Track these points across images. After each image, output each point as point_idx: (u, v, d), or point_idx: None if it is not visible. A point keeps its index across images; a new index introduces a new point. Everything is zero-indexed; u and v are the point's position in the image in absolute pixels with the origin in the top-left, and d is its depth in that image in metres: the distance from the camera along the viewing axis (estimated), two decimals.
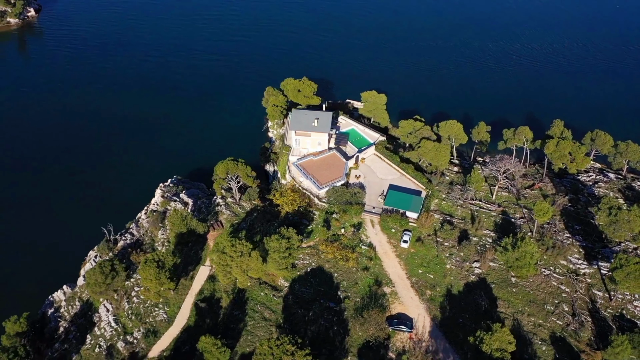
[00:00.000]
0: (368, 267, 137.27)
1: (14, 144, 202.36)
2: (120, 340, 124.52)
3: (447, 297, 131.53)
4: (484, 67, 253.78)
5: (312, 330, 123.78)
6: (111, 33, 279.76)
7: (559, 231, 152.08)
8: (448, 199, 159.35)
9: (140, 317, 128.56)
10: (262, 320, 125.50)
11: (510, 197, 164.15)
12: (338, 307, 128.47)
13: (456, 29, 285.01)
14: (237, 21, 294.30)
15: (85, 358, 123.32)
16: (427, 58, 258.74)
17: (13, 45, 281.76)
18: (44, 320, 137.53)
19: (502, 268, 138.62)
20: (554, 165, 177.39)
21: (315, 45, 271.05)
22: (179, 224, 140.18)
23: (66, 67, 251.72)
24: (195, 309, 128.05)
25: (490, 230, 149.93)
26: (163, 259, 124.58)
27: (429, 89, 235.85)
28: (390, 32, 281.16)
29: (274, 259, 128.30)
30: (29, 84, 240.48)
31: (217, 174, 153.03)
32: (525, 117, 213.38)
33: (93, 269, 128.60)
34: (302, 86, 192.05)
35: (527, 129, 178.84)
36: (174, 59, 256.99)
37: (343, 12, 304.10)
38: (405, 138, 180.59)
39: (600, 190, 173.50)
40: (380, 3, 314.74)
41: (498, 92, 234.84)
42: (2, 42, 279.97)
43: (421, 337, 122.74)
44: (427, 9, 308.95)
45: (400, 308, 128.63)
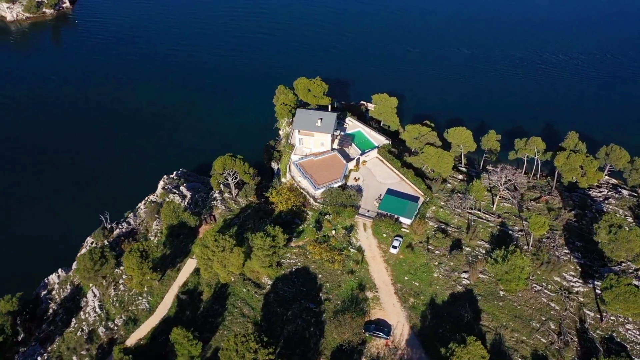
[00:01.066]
0: (354, 270, 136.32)
1: (33, 128, 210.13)
2: (101, 326, 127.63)
3: (430, 306, 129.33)
4: (504, 74, 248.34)
5: (288, 329, 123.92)
6: (140, 26, 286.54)
7: (557, 246, 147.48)
8: (446, 206, 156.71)
9: (124, 304, 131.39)
10: (240, 317, 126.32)
11: (513, 209, 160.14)
12: (318, 309, 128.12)
13: (480, 34, 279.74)
14: (263, 18, 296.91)
15: (67, 340, 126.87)
16: (447, 63, 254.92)
17: (47, 35, 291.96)
18: (37, 301, 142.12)
19: (491, 280, 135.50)
20: (564, 178, 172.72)
21: (337, 45, 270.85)
22: (171, 216, 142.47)
23: (93, 58, 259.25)
24: (177, 301, 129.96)
25: (485, 241, 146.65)
26: (148, 249, 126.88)
27: (445, 94, 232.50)
28: (414, 35, 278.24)
29: (258, 256, 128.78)
30: (57, 71, 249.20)
31: (215, 169, 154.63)
32: (541, 127, 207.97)
33: (83, 255, 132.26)
34: (313, 86, 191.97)
35: (539, 139, 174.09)
36: (197, 54, 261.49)
37: (370, 13, 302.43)
38: (410, 143, 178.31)
39: (609, 207, 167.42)
40: (409, 6, 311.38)
41: (516, 100, 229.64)
42: (38, 31, 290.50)
43: (397, 344, 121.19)
44: (453, 13, 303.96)
45: (380, 314, 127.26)
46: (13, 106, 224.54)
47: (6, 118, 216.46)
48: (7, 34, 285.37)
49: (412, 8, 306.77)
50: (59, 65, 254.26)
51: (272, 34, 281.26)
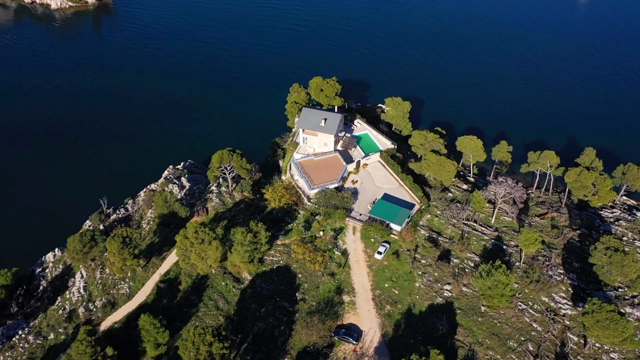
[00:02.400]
0: (334, 273, 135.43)
1: (59, 110, 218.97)
2: (82, 307, 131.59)
3: (406, 315, 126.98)
4: (527, 85, 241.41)
5: (259, 326, 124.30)
6: (175, 18, 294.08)
7: (553, 265, 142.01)
8: (441, 216, 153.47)
9: (106, 288, 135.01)
10: (214, 309, 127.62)
11: (513, 223, 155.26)
12: (292, 308, 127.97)
13: (506, 43, 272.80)
14: (296, 14, 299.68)
15: (49, 317, 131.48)
16: (469, 71, 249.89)
17: (88, 23, 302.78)
18: (31, 277, 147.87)
19: (474, 295, 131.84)
20: (574, 195, 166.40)
21: (363, 45, 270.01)
22: (162, 205, 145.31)
23: (126, 47, 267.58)
24: (156, 289, 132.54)
25: (475, 254, 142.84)
26: (131, 236, 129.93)
27: (464, 102, 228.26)
28: (441, 41, 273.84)
29: (238, 251, 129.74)
30: (91, 58, 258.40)
31: (213, 162, 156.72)
32: (559, 141, 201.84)
33: (73, 236, 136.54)
34: (325, 86, 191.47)
35: (552, 153, 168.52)
36: (225, 47, 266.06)
37: (402, 16, 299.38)
38: (416, 149, 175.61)
39: (618, 229, 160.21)
40: (442, 11, 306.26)
41: (537, 112, 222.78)
42: (79, 19, 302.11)
43: (365, 351, 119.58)
44: (483, 21, 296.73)
45: (353, 319, 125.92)
46: (48, 88, 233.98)
47: (37, 100, 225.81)
48: (51, 21, 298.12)
49: (444, 13, 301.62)
50: (93, 53, 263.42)
51: (302, 31, 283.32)
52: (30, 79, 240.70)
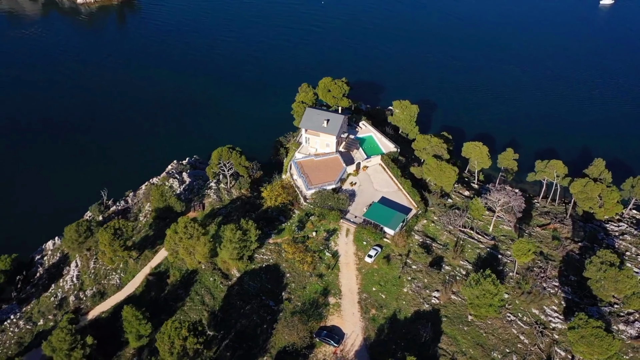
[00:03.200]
0: (323, 274, 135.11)
1: (75, 101, 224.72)
2: (72, 295, 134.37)
3: (391, 320, 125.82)
4: (543, 91, 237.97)
5: (242, 323, 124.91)
6: (197, 16, 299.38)
7: (548, 277, 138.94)
8: (438, 221, 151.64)
9: (98, 278, 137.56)
10: (200, 304, 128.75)
11: (511, 232, 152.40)
12: (276, 307, 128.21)
13: (527, 48, 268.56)
14: (316, 13, 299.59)
15: (41, 304, 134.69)
16: (487, 77, 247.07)
17: (112, 18, 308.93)
18: (30, 264, 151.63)
19: (462, 303, 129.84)
20: (579, 207, 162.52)
21: (380, 47, 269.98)
22: (158, 199, 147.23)
23: (146, 43, 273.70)
24: (146, 281, 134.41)
25: (469, 262, 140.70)
26: (123, 228, 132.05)
27: (477, 109, 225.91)
28: (459, 44, 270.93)
29: (227, 248, 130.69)
30: (113, 52, 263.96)
31: (212, 159, 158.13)
32: (570, 151, 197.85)
33: (70, 226, 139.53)
34: (333, 86, 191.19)
35: (559, 163, 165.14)
36: (243, 45, 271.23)
37: (423, 19, 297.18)
38: (419, 153, 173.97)
39: (622, 244, 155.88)
40: (462, 14, 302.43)
41: (550, 121, 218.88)
42: (104, 14, 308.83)
43: (346, 354, 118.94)
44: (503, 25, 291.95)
45: (337, 321, 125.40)
46: (65, 80, 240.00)
47: (53, 91, 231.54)
48: (77, 14, 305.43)
49: (463, 18, 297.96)
50: (114, 47, 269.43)
51: (321, 31, 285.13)
52: (50, 70, 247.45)
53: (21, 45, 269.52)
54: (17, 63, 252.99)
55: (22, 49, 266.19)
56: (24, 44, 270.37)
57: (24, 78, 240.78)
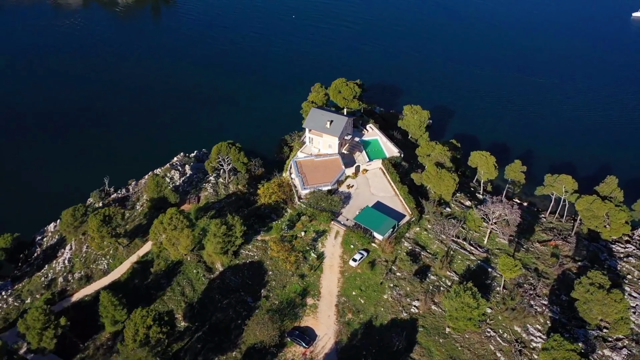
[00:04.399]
0: (305, 274, 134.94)
1: (99, 90, 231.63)
2: (61, 277, 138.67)
3: (365, 326, 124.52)
4: (563, 104, 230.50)
5: (217, 317, 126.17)
6: (230, 11, 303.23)
7: (537, 295, 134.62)
8: (431, 230, 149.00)
9: (87, 262, 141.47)
10: (179, 295, 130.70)
11: (507, 247, 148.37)
12: (254, 304, 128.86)
13: (554, 59, 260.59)
14: (348, 14, 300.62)
15: (32, 283, 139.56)
16: (506, 85, 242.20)
17: (148, 10, 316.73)
18: (32, 244, 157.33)
19: (442, 315, 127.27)
20: (584, 225, 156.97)
21: (402, 49, 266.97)
22: (153, 189, 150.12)
23: (179, 36, 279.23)
24: (132, 268, 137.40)
25: (456, 274, 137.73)
26: (112, 216, 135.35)
27: (492, 117, 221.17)
28: (484, 53, 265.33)
29: (211, 241, 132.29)
30: (143, 44, 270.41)
31: (212, 153, 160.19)
32: (584, 166, 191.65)
33: (67, 210, 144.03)
34: (344, 87, 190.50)
35: (569, 178, 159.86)
36: (267, 41, 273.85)
37: (448, 25, 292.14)
38: (422, 159, 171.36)
39: (625, 266, 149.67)
40: (490, 23, 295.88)
41: (569, 134, 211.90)
42: (141, 6, 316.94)
43: (315, 356, 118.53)
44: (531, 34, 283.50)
45: (312, 322, 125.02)
46: (92, 69, 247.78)
47: (82, 80, 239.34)
48: (114, 6, 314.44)
49: (492, 28, 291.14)
50: (144, 39, 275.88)
51: (348, 30, 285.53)
52: (81, 60, 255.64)
53: (60, 34, 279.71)
54: (52, 51, 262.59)
55: (60, 38, 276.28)
56: (63, 34, 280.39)
57: (55, 66, 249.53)
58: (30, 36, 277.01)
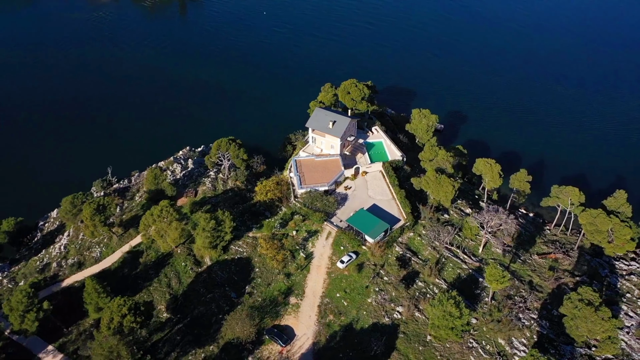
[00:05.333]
0: (291, 274, 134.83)
1: (117, 82, 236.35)
2: (55, 262, 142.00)
3: (345, 328, 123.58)
4: (583, 114, 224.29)
5: (199, 310, 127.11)
6: (256, 7, 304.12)
7: (527, 308, 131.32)
8: (424, 236, 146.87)
9: (81, 249, 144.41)
10: (165, 286, 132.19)
11: (501, 257, 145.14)
12: (237, 300, 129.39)
13: (582, 69, 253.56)
14: (374, 13, 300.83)
15: (28, 266, 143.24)
16: (524, 93, 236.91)
17: (175, 7, 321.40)
18: (33, 229, 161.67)
19: (425, 322, 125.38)
20: (586, 239, 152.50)
21: (423, 52, 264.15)
22: (151, 181, 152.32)
23: (203, 31, 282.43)
24: (123, 257, 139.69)
25: (445, 281, 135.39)
26: (107, 205, 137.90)
27: (506, 125, 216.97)
28: (505, 60, 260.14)
29: (200, 235, 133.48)
30: (166, 38, 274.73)
31: (212, 149, 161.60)
32: (595, 179, 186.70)
33: (67, 198, 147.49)
34: (352, 89, 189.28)
35: (576, 190, 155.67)
36: (291, 39, 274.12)
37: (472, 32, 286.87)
38: (424, 164, 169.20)
39: (625, 284, 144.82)
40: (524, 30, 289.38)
41: (585, 146, 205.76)
42: (168, 4, 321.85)
43: (291, 356, 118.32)
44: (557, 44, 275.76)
45: (292, 321, 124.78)
46: (111, 62, 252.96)
47: (100, 71, 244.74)
48: (142, 1, 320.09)
49: (523, 35, 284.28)
50: (167, 34, 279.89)
51: (371, 29, 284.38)
52: (102, 52, 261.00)
53: (88, 26, 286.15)
54: (77, 42, 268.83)
55: (87, 30, 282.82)
56: (90, 26, 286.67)
57: (76, 57, 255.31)
58: (60, 27, 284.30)
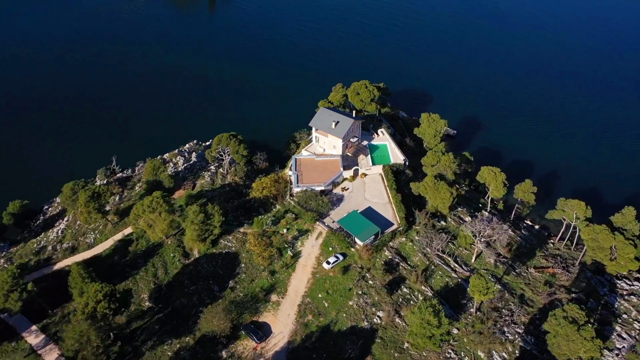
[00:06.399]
0: (276, 271, 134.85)
1: (130, 73, 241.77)
2: (51, 245, 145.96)
3: (323, 330, 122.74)
4: (604, 127, 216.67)
5: (181, 301, 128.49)
6: (285, 6, 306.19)
7: (513, 322, 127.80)
8: (416, 242, 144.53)
9: (77, 234, 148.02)
10: (152, 276, 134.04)
11: (493, 267, 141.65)
12: (219, 293, 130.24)
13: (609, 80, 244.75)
14: (404, 13, 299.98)
15: (26, 248, 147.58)
16: (545, 102, 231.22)
17: (204, 4, 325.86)
18: (38, 212, 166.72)
19: (405, 329, 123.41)
20: (588, 255, 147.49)
21: (444, 56, 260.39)
22: (149, 172, 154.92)
23: (229, 27, 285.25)
24: (114, 245, 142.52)
25: (431, 289, 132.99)
26: (102, 193, 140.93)
27: (523, 133, 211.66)
28: (529, 67, 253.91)
29: (189, 227, 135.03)
30: (193, 34, 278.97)
31: (213, 143, 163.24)
32: (608, 193, 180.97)
33: (68, 184, 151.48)
34: (362, 89, 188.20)
35: (582, 204, 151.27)
36: (315, 36, 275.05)
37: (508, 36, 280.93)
38: (426, 169, 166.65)
39: (623, 305, 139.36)
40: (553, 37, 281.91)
41: (604, 160, 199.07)
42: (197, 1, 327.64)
43: (265, 353, 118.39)
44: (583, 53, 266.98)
45: (270, 319, 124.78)
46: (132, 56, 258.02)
47: (119, 65, 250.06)
48: None
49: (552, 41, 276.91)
50: (193, 29, 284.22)
51: (399, 29, 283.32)
52: (126, 45, 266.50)
53: (116, 19, 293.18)
54: (101, 35, 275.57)
55: (114, 22, 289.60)
56: (118, 19, 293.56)
57: (96, 49, 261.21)
58: (91, 19, 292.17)
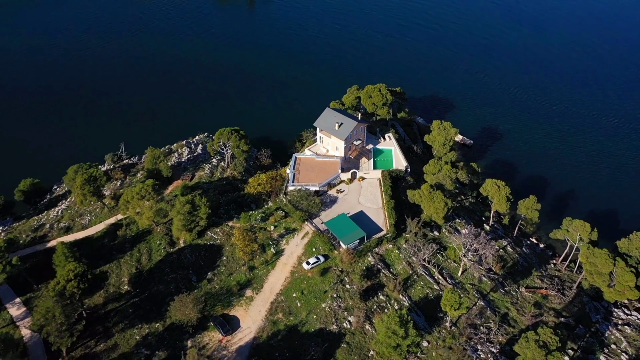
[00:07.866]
0: (255, 267, 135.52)
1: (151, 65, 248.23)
2: (48, 224, 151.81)
3: (291, 329, 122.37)
4: (623, 146, 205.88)
5: (158, 288, 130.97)
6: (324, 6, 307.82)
7: (489, 340, 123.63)
8: (403, 250, 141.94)
9: (74, 215, 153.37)
10: (135, 262, 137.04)
11: (483, 283, 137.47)
12: (196, 284, 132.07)
13: None
14: (440, 14, 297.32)
15: (26, 223, 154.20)
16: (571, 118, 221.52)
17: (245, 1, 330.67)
18: (47, 191, 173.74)
19: (374, 336, 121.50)
20: (586, 280, 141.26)
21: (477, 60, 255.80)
22: (150, 161, 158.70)
23: (260, 23, 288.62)
24: (106, 228, 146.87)
25: (409, 299, 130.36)
26: (97, 176, 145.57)
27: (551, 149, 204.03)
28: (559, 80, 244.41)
29: (175, 216, 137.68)
30: (227, 29, 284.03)
31: (215, 137, 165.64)
32: (619, 216, 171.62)
33: (72, 167, 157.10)
34: (375, 93, 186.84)
35: (586, 225, 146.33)
36: (346, 36, 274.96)
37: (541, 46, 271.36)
38: (427, 177, 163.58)
39: (614, 334, 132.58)
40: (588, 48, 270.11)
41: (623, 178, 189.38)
42: None
43: (229, 346, 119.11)
44: None
45: (240, 313, 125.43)
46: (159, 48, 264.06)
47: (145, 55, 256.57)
48: None
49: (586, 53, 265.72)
50: (228, 25, 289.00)
51: (432, 31, 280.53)
52: (152, 38, 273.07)
53: (150, 11, 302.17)
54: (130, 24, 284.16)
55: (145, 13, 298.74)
56: (154, 11, 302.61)
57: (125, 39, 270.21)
58: (121, 8, 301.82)
